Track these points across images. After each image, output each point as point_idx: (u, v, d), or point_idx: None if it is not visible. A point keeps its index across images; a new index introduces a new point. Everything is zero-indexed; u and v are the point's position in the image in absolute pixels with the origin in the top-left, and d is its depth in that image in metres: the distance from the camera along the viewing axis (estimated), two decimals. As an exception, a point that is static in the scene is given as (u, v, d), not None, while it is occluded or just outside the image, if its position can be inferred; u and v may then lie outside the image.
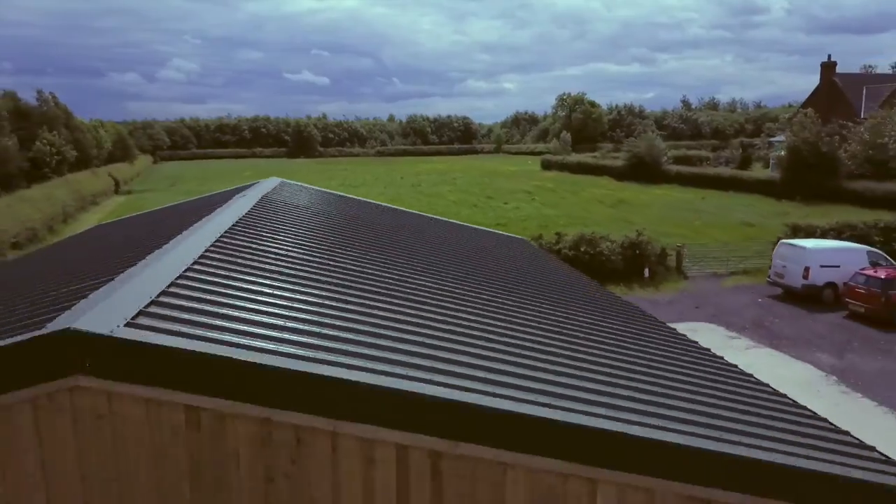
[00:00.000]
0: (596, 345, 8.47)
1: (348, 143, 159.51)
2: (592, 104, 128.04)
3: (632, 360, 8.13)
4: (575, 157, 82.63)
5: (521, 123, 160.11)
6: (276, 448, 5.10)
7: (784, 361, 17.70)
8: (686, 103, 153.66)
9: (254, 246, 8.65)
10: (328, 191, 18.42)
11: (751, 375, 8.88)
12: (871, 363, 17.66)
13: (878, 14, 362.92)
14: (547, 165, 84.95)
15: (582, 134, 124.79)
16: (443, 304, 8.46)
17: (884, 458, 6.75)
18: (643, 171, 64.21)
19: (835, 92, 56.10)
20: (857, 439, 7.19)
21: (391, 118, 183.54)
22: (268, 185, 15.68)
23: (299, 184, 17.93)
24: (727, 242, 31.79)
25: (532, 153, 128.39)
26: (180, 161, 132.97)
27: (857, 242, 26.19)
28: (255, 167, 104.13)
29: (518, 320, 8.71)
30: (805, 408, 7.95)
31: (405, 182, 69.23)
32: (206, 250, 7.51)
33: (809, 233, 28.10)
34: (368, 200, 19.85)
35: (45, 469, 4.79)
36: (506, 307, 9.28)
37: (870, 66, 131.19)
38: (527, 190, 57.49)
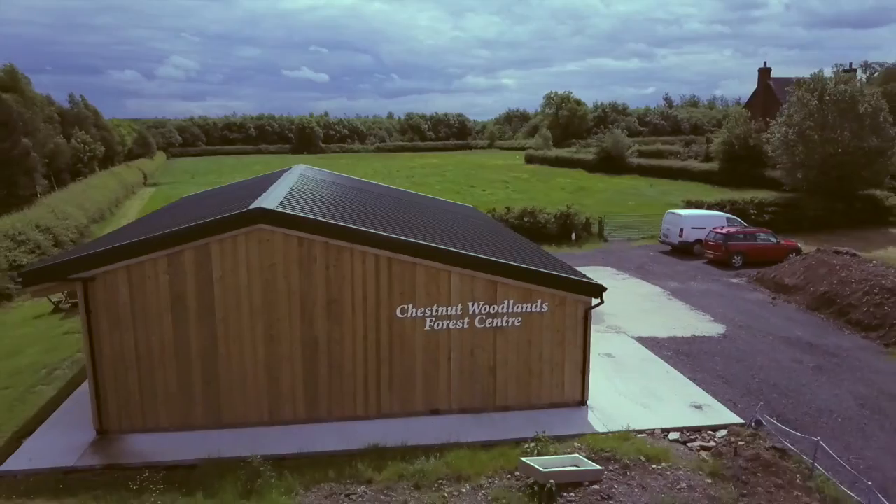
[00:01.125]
0: (471, 229, 17.41)
1: (349, 139, 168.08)
2: (578, 102, 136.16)
3: (481, 241, 17.04)
4: (554, 152, 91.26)
5: (514, 120, 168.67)
6: (330, 254, 13.94)
7: (643, 285, 26.53)
8: (668, 101, 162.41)
9: (309, 190, 17.57)
10: (340, 174, 27.24)
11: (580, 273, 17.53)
12: (699, 287, 26.50)
13: (875, 8, 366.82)
14: (530, 159, 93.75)
15: (568, 130, 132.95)
16: (407, 217, 17.41)
17: (588, 279, 15.52)
18: (610, 163, 72.97)
19: (769, 94, 64.70)
20: (588, 278, 15.93)
21: (390, 115, 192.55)
22: (301, 167, 24.50)
23: (319, 168, 26.80)
24: (648, 216, 40.53)
25: (522, 148, 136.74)
26: (191, 157, 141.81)
27: (736, 215, 35.01)
28: (263, 162, 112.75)
29: (441, 226, 17.63)
30: (581, 273, 16.70)
31: (400, 174, 77.95)
32: (288, 192, 16.31)
33: (698, 206, 36.96)
34: (366, 180, 28.77)
35: (248, 262, 13.67)
36: (439, 222, 18.19)
37: (840, 65, 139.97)
38: (504, 180, 66.41)
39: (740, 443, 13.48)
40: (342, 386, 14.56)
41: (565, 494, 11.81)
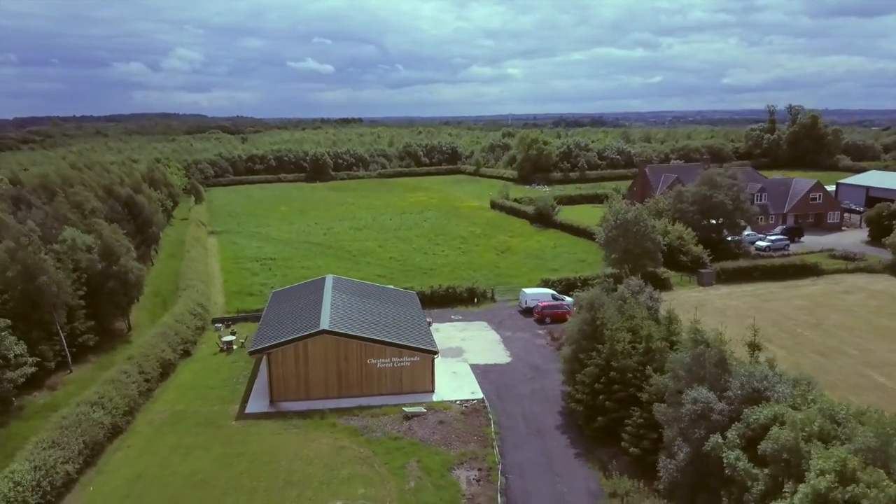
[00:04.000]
0: (399, 319, 46.63)
1: (354, 167, 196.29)
2: (545, 142, 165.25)
3: (401, 327, 46.17)
4: (510, 201, 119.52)
5: (496, 150, 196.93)
6: (346, 343, 43.40)
7: (494, 334, 55.26)
8: (627, 136, 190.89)
9: (335, 305, 46.76)
10: (356, 280, 55.98)
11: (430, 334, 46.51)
12: (520, 336, 55.10)
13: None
14: (493, 205, 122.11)
15: (537, 165, 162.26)
16: (376, 318, 46.64)
17: (430, 348, 44.70)
18: (542, 218, 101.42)
19: (645, 179, 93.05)
20: (434, 345, 44.95)
21: (391, 143, 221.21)
22: (331, 281, 52.88)
23: (339, 277, 55.34)
24: (528, 281, 68.88)
25: (501, 177, 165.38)
26: (223, 187, 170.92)
27: (568, 289, 63.57)
28: (286, 199, 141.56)
29: (388, 321, 46.90)
30: (431, 337, 45.68)
31: (391, 224, 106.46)
32: (330, 313, 45.39)
33: (547, 283, 65.50)
34: (364, 282, 57.76)
35: (318, 345, 43.03)
36: (388, 318, 47.42)
37: (772, 106, 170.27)
38: (462, 236, 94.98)
39: (474, 402, 42.37)
40: (350, 384, 43.45)
41: (414, 418, 40.66)
